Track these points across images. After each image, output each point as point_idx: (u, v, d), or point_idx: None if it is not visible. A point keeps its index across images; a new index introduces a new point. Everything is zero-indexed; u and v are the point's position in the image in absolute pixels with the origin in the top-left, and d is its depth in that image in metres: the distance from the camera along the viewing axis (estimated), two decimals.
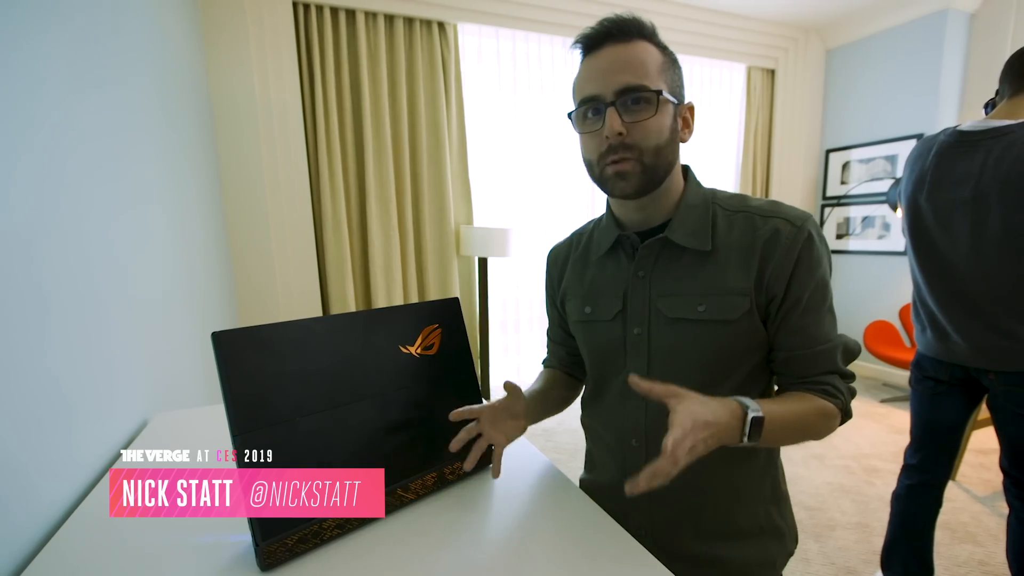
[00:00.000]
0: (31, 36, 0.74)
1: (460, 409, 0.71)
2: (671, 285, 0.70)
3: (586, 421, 0.86)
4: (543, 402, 0.85)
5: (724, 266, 0.67)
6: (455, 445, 0.70)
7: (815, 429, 0.66)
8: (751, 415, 0.57)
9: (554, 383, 0.89)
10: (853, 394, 0.69)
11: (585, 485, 0.86)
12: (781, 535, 0.77)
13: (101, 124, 0.98)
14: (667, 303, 0.70)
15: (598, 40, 0.65)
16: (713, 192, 0.73)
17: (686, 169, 0.75)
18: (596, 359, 0.79)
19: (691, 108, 0.70)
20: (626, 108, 0.64)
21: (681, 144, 0.70)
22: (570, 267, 0.83)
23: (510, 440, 0.75)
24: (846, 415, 0.69)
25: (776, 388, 0.74)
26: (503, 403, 0.74)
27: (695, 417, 0.53)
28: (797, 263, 0.65)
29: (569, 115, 0.70)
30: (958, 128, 1.22)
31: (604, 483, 0.80)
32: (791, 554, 0.78)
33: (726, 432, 0.56)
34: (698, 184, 0.74)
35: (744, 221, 0.68)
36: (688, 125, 0.70)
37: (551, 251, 0.89)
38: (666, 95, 0.65)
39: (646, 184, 0.67)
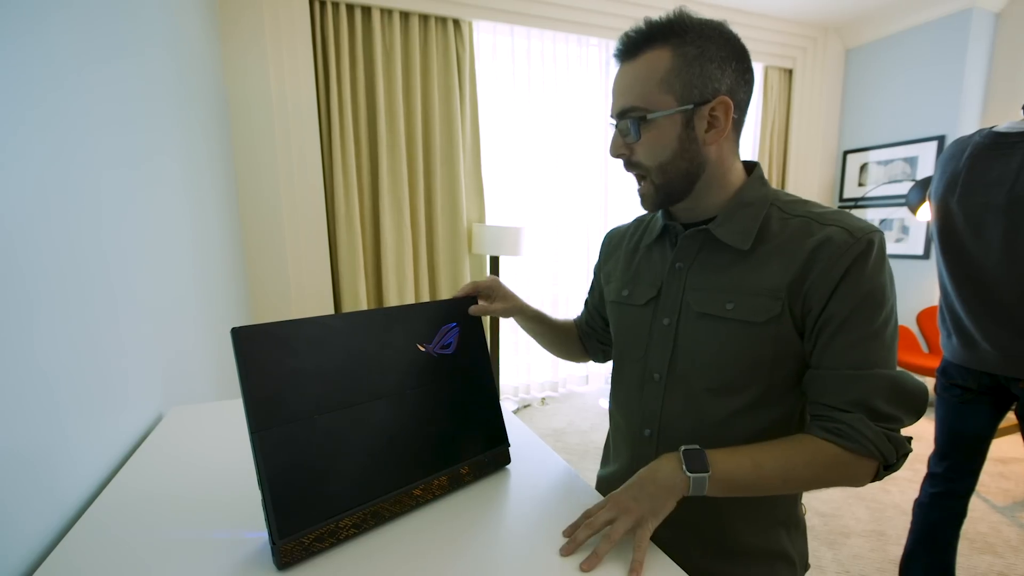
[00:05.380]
0: (37, 23, 0.74)
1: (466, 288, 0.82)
2: (705, 280, 0.68)
3: (611, 406, 0.86)
4: (545, 320, 0.93)
5: (761, 267, 0.64)
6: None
7: (817, 480, 0.60)
8: (692, 477, 0.58)
9: (564, 323, 0.98)
10: (894, 442, 0.59)
11: (600, 482, 0.86)
12: (791, 562, 0.73)
13: (117, 116, 0.98)
14: (697, 297, 0.68)
15: (617, 58, 0.67)
16: (776, 193, 0.68)
17: (753, 166, 0.70)
18: (621, 341, 0.80)
19: (723, 104, 0.62)
20: (625, 130, 0.66)
21: (711, 146, 0.64)
22: (623, 250, 0.84)
23: (493, 307, 0.82)
24: (887, 464, 0.60)
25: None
26: (488, 280, 0.84)
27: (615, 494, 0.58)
28: (844, 276, 0.59)
29: None
30: (994, 129, 1.18)
31: (615, 474, 0.79)
32: None
33: (665, 491, 0.58)
34: (761, 182, 0.69)
35: (800, 225, 0.64)
36: (715, 125, 0.63)
37: (610, 232, 0.91)
38: (657, 114, 0.62)
39: (662, 201, 0.68)
